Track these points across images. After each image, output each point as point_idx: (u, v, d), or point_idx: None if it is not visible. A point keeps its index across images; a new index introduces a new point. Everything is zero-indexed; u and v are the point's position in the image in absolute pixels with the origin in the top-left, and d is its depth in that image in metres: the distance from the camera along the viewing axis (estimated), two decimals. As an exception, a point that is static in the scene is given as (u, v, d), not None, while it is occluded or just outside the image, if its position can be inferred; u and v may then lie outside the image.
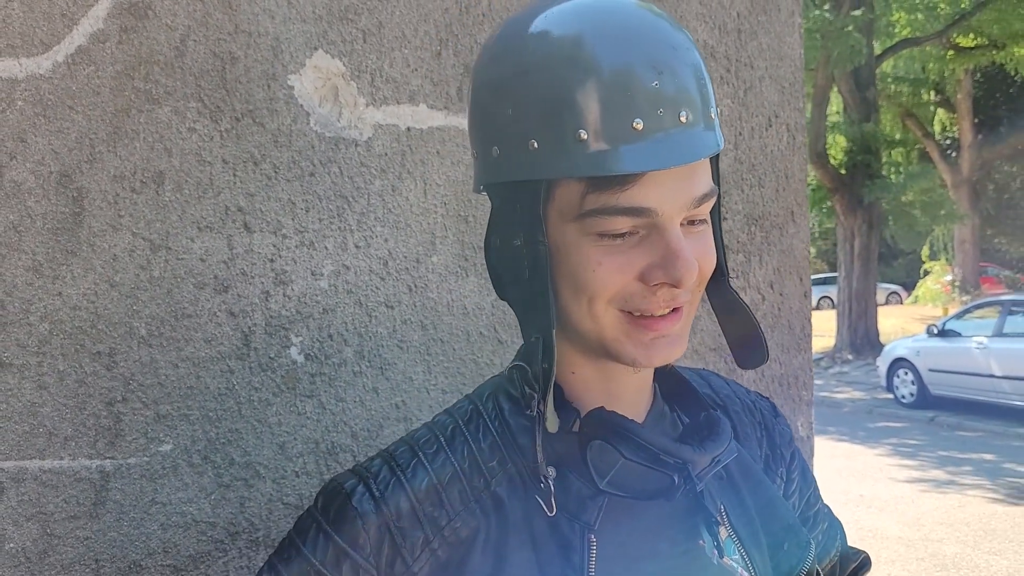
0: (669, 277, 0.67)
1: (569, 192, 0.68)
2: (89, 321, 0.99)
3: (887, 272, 32.74)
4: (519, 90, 0.68)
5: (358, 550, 0.71)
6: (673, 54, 0.67)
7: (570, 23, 0.67)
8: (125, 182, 1.01)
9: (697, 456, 0.73)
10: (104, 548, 0.99)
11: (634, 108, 0.65)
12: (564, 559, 0.72)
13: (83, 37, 0.99)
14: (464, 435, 0.77)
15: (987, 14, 15.47)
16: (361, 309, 1.20)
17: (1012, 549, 6.14)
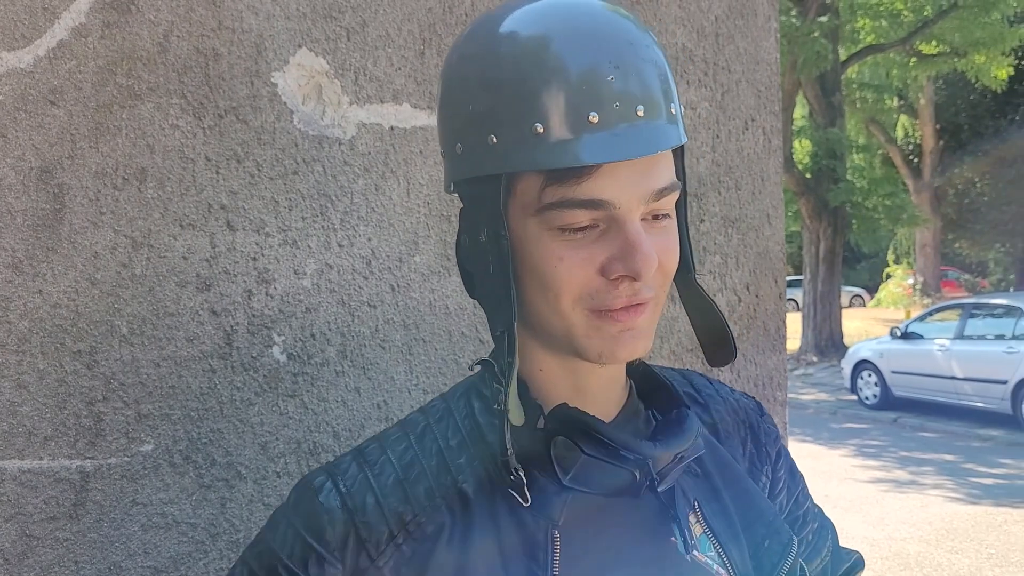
0: (628, 269, 0.68)
1: (529, 186, 0.69)
2: (70, 319, 0.98)
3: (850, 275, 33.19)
4: (480, 86, 0.69)
5: (324, 545, 0.71)
6: (631, 50, 0.68)
7: (533, 21, 0.69)
8: (107, 179, 1.00)
9: (658, 452, 0.73)
10: (84, 550, 0.98)
11: (590, 101, 0.66)
12: (529, 556, 0.72)
13: (65, 31, 0.98)
14: (434, 433, 0.78)
15: (949, 22, 15.73)
16: (344, 308, 1.19)
17: (973, 548, 6.25)
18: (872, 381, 12.18)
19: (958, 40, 16.15)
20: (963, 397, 10.85)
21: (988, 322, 10.96)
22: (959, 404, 10.94)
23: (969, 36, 15.82)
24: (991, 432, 10.15)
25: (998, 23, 15.70)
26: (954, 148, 24.16)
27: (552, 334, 0.73)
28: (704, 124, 1.66)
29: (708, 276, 1.66)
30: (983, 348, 10.63)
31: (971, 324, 11.11)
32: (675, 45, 1.60)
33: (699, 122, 1.65)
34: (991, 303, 11.35)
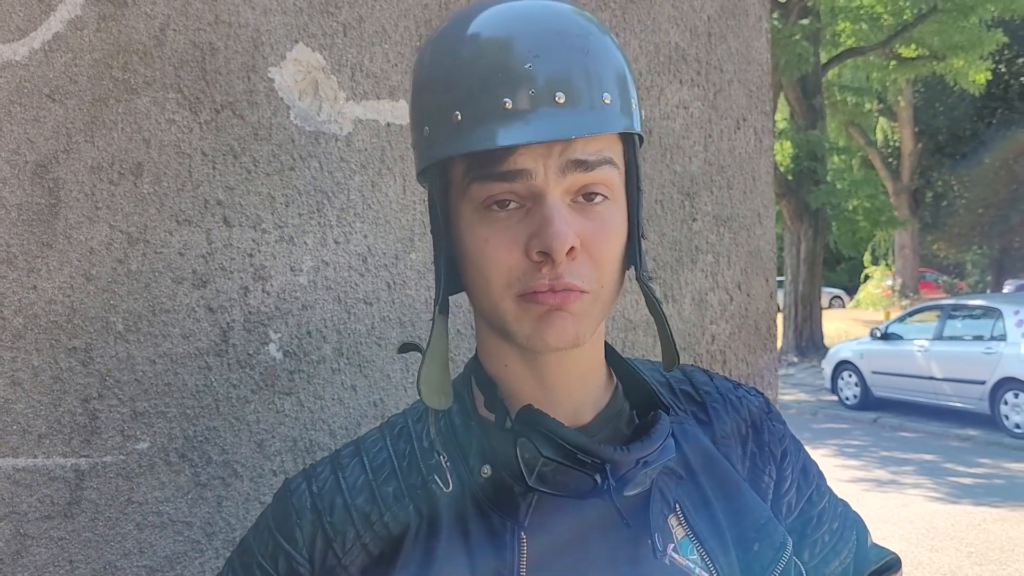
0: (542, 244, 0.67)
1: (456, 171, 0.71)
2: (65, 315, 0.96)
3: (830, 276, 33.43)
4: (419, 85, 0.74)
5: (292, 545, 0.74)
6: (557, 39, 0.69)
7: (470, 17, 0.71)
8: (103, 173, 0.99)
9: (619, 456, 0.71)
10: (79, 549, 0.96)
11: (504, 89, 0.67)
12: (496, 557, 0.71)
13: (60, 24, 0.96)
14: (410, 434, 0.79)
15: (928, 26, 15.89)
16: (340, 306, 1.19)
17: (953, 546, 6.30)
18: (852, 381, 12.26)
19: (937, 44, 16.31)
20: (942, 397, 10.95)
21: (967, 323, 11.07)
22: (938, 404, 11.04)
23: (948, 40, 15.98)
24: (969, 432, 10.24)
25: (976, 27, 15.86)
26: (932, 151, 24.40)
27: (492, 322, 0.74)
28: (696, 123, 1.66)
29: (700, 275, 1.67)
30: (962, 349, 10.73)
31: (950, 325, 11.21)
32: (668, 44, 1.60)
33: (692, 121, 1.65)
34: (970, 304, 11.46)
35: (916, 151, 24.35)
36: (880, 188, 20.23)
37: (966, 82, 17.25)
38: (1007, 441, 9.74)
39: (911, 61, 17.65)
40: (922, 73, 18.45)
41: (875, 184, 19.61)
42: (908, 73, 18.10)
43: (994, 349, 10.16)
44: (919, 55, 17.39)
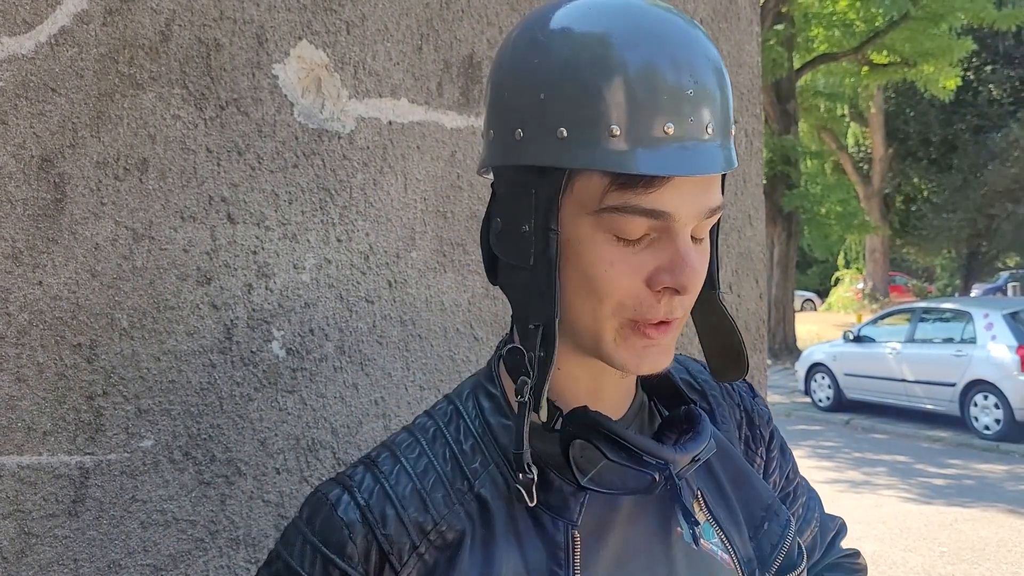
0: (675, 282, 0.67)
1: (591, 185, 0.67)
2: (70, 312, 0.95)
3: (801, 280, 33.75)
4: (556, 77, 0.67)
5: (346, 560, 0.70)
6: (709, 67, 0.67)
7: (617, 18, 0.67)
8: (108, 168, 0.98)
9: (679, 456, 0.74)
10: (83, 547, 0.95)
11: (668, 112, 0.65)
12: (550, 556, 0.72)
13: (67, 17, 0.96)
14: (445, 437, 0.77)
15: (899, 32, 16.09)
16: (342, 304, 1.18)
17: (925, 546, 6.39)
18: (825, 383, 12.38)
19: (908, 50, 16.53)
20: (913, 399, 11.09)
21: (937, 326, 11.22)
22: (909, 406, 11.17)
23: (919, 47, 16.20)
24: (940, 433, 10.38)
25: (946, 35, 16.09)
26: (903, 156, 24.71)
27: (581, 335, 0.72)
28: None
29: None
30: (932, 351, 10.87)
31: (921, 328, 11.35)
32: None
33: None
34: (941, 307, 11.61)
35: (887, 156, 24.65)
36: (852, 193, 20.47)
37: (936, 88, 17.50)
38: (976, 442, 9.89)
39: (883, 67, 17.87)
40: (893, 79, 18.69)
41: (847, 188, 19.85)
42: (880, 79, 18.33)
43: (964, 352, 10.31)
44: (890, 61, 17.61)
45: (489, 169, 0.77)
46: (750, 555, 0.83)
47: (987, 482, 8.27)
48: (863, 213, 19.97)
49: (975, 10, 15.26)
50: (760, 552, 0.84)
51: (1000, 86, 23.35)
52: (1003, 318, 10.09)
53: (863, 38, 16.88)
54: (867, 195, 24.28)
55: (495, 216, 0.75)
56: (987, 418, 9.95)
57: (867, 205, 23.50)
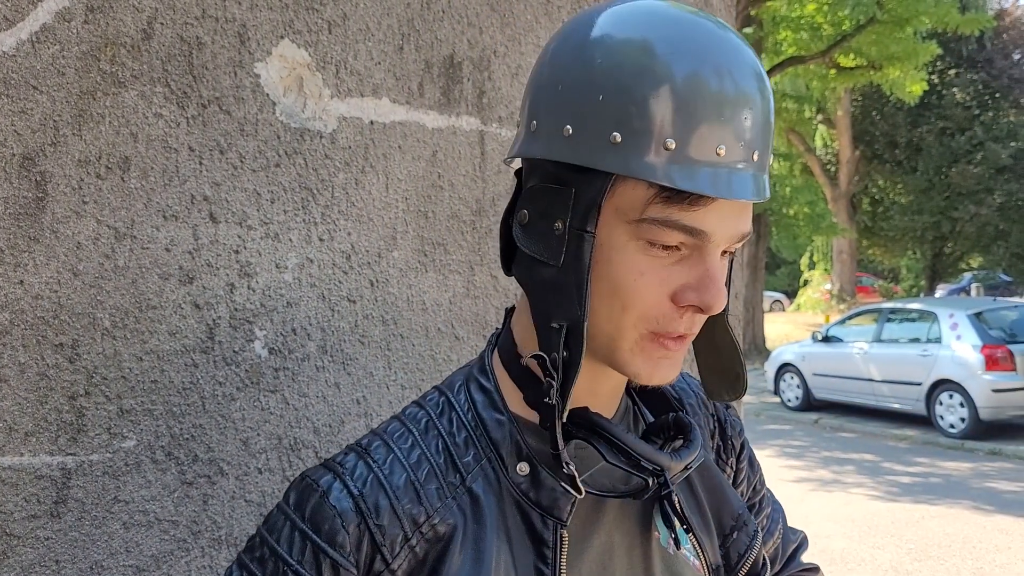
0: (700, 300, 0.68)
1: (634, 194, 0.68)
2: (51, 311, 0.95)
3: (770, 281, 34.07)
4: (619, 81, 0.66)
5: (337, 549, 0.70)
6: (762, 96, 0.69)
7: (687, 36, 0.67)
8: (90, 167, 0.97)
9: (674, 463, 0.75)
10: (65, 549, 0.95)
11: (723, 135, 0.66)
12: (537, 554, 0.73)
13: (48, 15, 0.95)
14: (437, 429, 0.77)
15: (866, 36, 16.28)
16: (324, 303, 1.18)
17: (893, 543, 6.48)
18: (795, 383, 12.51)
19: (874, 54, 16.72)
20: (880, 399, 11.24)
21: (904, 326, 11.38)
22: (877, 406, 11.32)
23: (885, 50, 16.40)
24: (907, 432, 10.54)
25: (911, 39, 16.31)
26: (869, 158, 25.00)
27: (597, 339, 0.72)
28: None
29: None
30: (899, 351, 11.03)
31: (888, 328, 11.51)
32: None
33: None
34: (907, 308, 11.78)
35: (854, 158, 24.95)
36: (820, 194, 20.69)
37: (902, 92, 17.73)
38: (942, 440, 10.05)
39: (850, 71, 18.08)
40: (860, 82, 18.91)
41: (815, 190, 20.06)
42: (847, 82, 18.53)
43: (930, 351, 10.47)
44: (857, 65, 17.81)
45: (512, 160, 0.77)
46: (718, 562, 0.85)
47: (952, 480, 8.41)
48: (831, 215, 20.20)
49: (939, 15, 15.49)
50: (727, 560, 0.86)
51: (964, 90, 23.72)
52: (967, 318, 10.27)
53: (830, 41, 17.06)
54: (834, 197, 24.55)
55: (522, 207, 0.74)
56: (952, 417, 10.11)
57: (834, 207, 23.77)
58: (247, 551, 0.74)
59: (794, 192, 18.87)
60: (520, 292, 0.80)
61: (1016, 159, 21.80)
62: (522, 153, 0.75)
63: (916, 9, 15.20)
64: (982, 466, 8.93)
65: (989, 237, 22.80)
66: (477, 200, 1.38)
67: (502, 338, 0.81)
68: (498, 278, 1.41)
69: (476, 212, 1.37)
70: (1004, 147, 21.86)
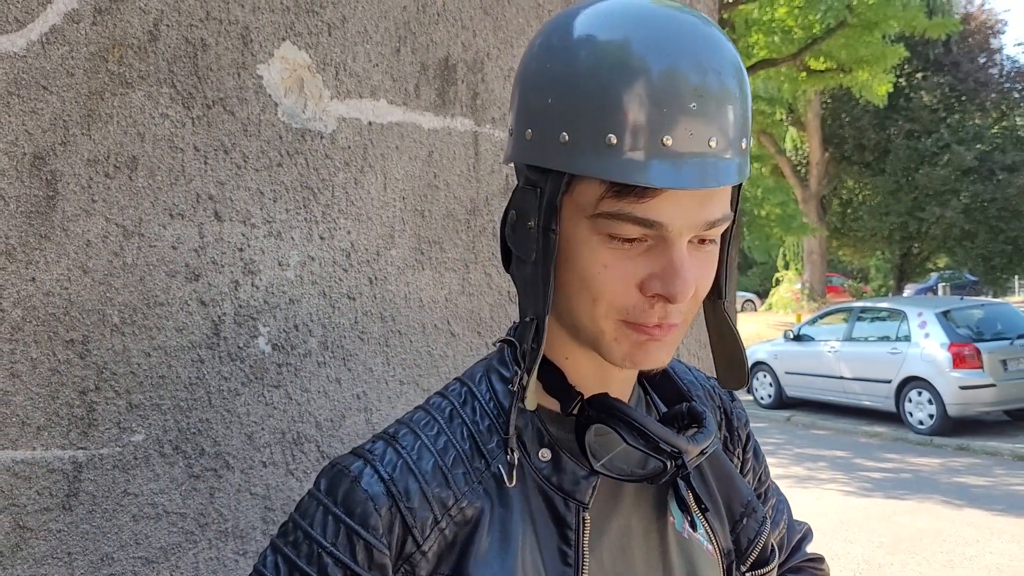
0: (665, 291, 0.69)
1: (589, 190, 0.70)
2: (62, 308, 0.96)
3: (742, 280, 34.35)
4: (562, 83, 0.69)
5: (371, 532, 0.72)
6: (717, 81, 0.68)
7: (624, 28, 0.68)
8: (99, 166, 0.99)
9: (692, 447, 0.78)
10: (76, 541, 0.96)
11: (667, 125, 0.66)
12: (560, 536, 0.76)
13: (57, 16, 0.96)
14: (461, 417, 0.80)
15: (836, 40, 16.49)
16: (325, 300, 1.21)
17: (865, 537, 6.58)
18: (767, 382, 12.64)
19: (844, 57, 16.94)
20: (851, 396, 11.39)
21: (874, 325, 11.54)
22: (848, 403, 11.47)
23: (854, 53, 16.62)
24: (877, 429, 10.69)
25: (880, 42, 16.55)
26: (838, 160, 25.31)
27: (581, 331, 0.76)
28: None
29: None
30: (869, 349, 11.18)
31: (858, 327, 11.66)
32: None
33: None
34: (877, 307, 11.95)
35: (823, 160, 25.25)
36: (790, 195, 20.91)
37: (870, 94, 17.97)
38: (911, 437, 10.20)
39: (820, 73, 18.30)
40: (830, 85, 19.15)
41: (786, 191, 20.27)
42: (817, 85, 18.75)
43: (899, 349, 10.62)
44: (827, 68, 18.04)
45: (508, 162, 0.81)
46: (730, 547, 0.88)
47: (922, 475, 8.55)
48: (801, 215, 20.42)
49: (907, 19, 15.74)
50: (738, 546, 0.89)
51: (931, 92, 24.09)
52: (936, 316, 10.44)
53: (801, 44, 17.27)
54: (805, 198, 24.83)
55: (510, 209, 0.78)
56: (921, 413, 10.28)
57: (805, 208, 24.03)
58: (280, 536, 0.76)
59: (765, 193, 19.06)
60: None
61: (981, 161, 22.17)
62: (505, 157, 0.80)
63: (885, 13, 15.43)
64: (951, 461, 9.09)
65: (955, 238, 23.17)
66: (471, 199, 1.40)
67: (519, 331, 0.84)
68: (492, 276, 1.44)
69: (470, 211, 1.40)
70: (969, 149, 22.24)
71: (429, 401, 0.83)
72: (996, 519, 6.94)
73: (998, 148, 22.75)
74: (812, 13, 15.92)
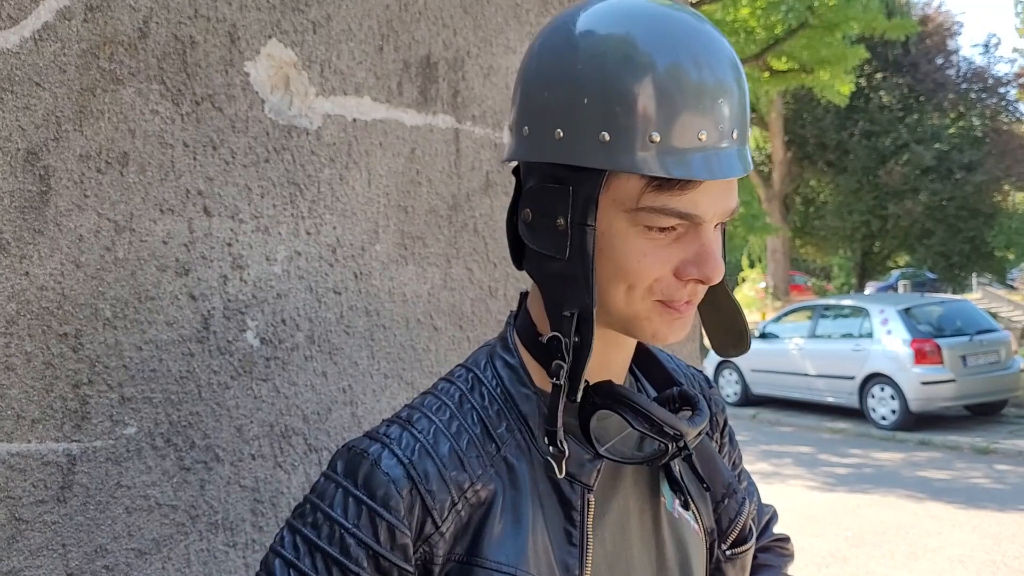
0: (700, 274, 0.75)
1: (628, 186, 0.73)
2: (56, 302, 0.97)
3: (707, 280, 34.50)
4: (599, 84, 0.72)
5: (392, 512, 0.74)
6: (734, 75, 0.74)
7: (656, 32, 0.72)
8: (91, 162, 1.00)
9: (691, 429, 0.81)
10: (71, 533, 0.97)
11: (702, 121, 0.71)
12: (566, 517, 0.80)
13: (50, 13, 0.97)
14: (471, 402, 0.82)
15: (798, 40, 16.73)
16: (311, 295, 1.22)
17: (831, 532, 6.69)
18: (734, 379, 12.78)
19: (806, 57, 17.18)
20: (815, 393, 11.56)
21: (837, 322, 11.71)
22: (812, 400, 11.64)
23: (815, 54, 16.87)
24: (840, 425, 10.86)
25: (841, 43, 16.81)
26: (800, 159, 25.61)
27: (612, 315, 0.78)
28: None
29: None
30: (833, 347, 11.35)
31: (822, 324, 11.83)
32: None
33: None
34: (840, 304, 12.13)
35: (786, 160, 25.54)
36: (754, 195, 21.15)
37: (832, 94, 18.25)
38: (874, 432, 10.38)
39: (782, 74, 18.54)
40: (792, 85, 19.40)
41: (749, 191, 20.50)
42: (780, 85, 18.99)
43: (862, 347, 10.80)
44: (789, 68, 18.28)
45: (508, 161, 0.83)
46: (713, 526, 0.93)
47: (885, 469, 8.70)
48: (765, 215, 20.67)
49: (867, 20, 16.00)
50: (719, 525, 0.94)
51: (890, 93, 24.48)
52: (897, 313, 10.63)
53: (763, 45, 17.49)
54: (768, 197, 25.11)
55: (524, 207, 0.79)
56: (884, 409, 10.45)
57: (768, 207, 24.31)
58: (297, 517, 0.77)
59: (730, 192, 19.22)
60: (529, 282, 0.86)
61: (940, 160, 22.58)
62: (518, 157, 0.80)
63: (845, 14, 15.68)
64: (913, 456, 9.26)
65: (915, 236, 23.57)
66: (453, 195, 1.43)
67: (520, 319, 0.86)
68: (473, 271, 1.46)
69: (452, 207, 1.43)
70: (928, 148, 22.63)
71: (437, 387, 0.85)
72: (957, 511, 7.09)
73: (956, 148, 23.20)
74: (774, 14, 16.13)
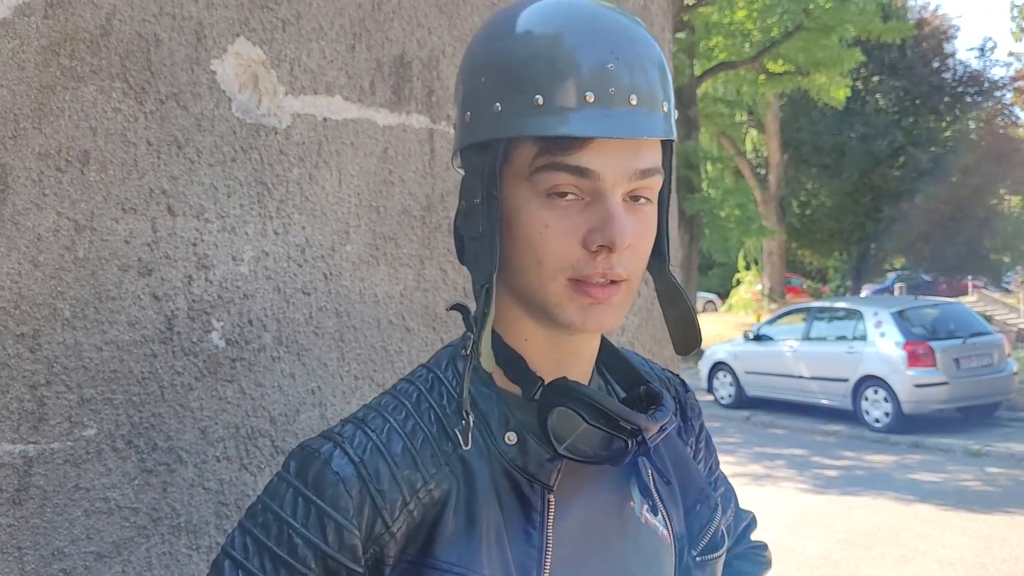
0: (604, 239, 0.73)
1: (524, 153, 0.75)
2: (12, 302, 0.96)
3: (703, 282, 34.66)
4: (493, 62, 0.76)
5: (341, 512, 0.73)
6: (630, 45, 0.75)
7: (546, 13, 0.76)
8: (50, 160, 0.99)
9: (650, 424, 0.80)
10: (27, 535, 0.96)
11: (588, 83, 0.72)
12: (525, 518, 0.78)
13: (7, 10, 0.96)
14: (429, 401, 0.81)
15: (794, 43, 16.77)
16: (279, 295, 1.21)
17: (822, 533, 6.69)
18: (727, 381, 12.78)
19: (802, 60, 17.22)
20: (809, 395, 11.56)
21: (831, 324, 11.71)
22: (806, 402, 11.64)
23: (811, 57, 16.91)
24: (834, 427, 10.86)
25: (836, 46, 16.84)
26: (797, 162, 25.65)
27: (531, 300, 0.78)
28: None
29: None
30: (827, 349, 11.35)
31: (816, 326, 11.84)
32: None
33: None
34: (834, 307, 12.14)
35: (782, 162, 25.58)
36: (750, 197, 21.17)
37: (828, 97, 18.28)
38: (867, 434, 10.38)
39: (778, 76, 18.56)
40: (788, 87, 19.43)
41: (745, 193, 20.51)
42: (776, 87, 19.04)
43: (856, 349, 10.80)
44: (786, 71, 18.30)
45: (455, 160, 0.85)
46: (683, 532, 0.91)
47: (877, 472, 8.70)
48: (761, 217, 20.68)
49: (863, 23, 16.04)
50: (690, 531, 0.92)
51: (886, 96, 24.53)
52: (891, 316, 10.63)
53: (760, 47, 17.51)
54: (764, 199, 25.14)
55: (461, 199, 0.81)
56: (877, 411, 10.46)
57: (764, 209, 24.33)
58: (249, 517, 0.77)
59: (725, 195, 19.28)
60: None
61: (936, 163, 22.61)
62: (452, 155, 0.85)
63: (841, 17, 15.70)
64: (905, 458, 9.26)
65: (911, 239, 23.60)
66: (427, 196, 1.42)
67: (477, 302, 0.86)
68: (447, 272, 1.45)
69: (426, 208, 1.42)
70: (924, 151, 22.66)
71: (396, 387, 0.85)
72: (947, 514, 7.09)
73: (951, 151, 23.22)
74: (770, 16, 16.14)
